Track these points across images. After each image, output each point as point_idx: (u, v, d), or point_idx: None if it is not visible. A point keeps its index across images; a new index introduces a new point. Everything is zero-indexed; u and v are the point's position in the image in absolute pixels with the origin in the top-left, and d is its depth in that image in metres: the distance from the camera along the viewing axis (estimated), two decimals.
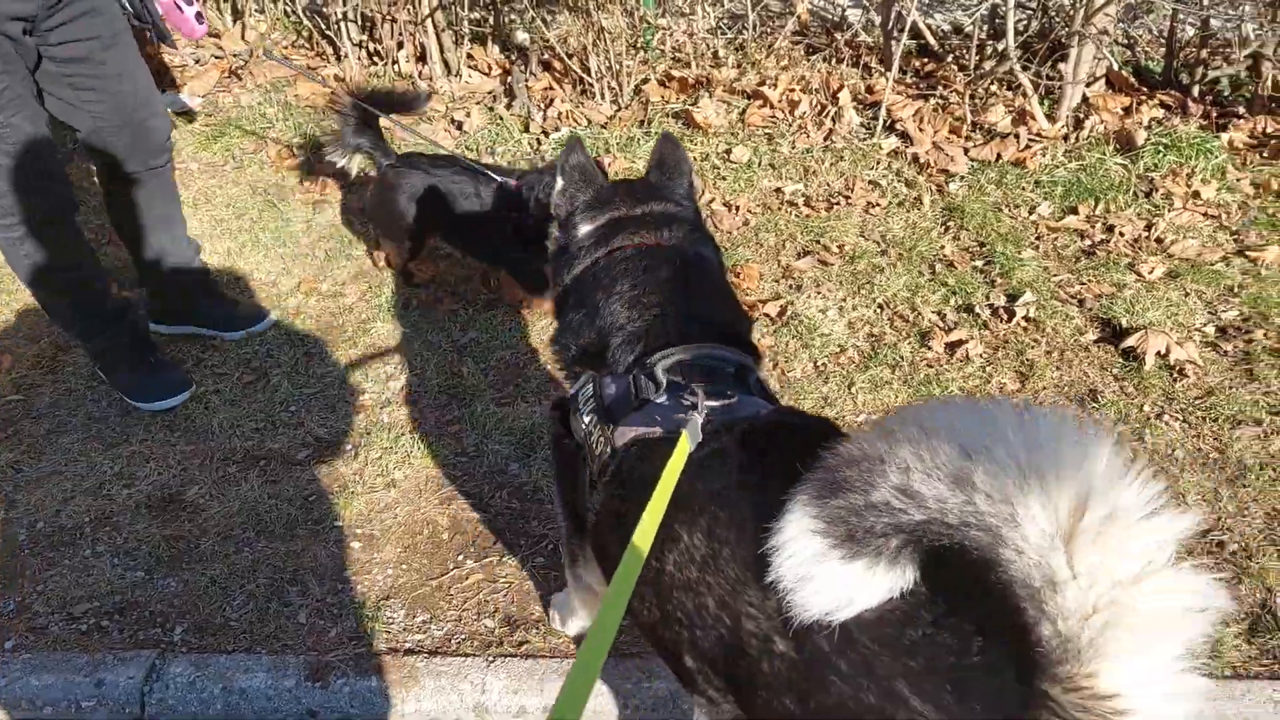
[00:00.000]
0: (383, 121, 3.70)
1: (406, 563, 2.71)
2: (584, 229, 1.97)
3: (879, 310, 3.49)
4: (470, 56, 5.18)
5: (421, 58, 5.08)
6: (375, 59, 5.18)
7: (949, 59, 4.89)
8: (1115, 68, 4.46)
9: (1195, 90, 4.36)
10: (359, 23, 5.15)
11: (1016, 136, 4.18)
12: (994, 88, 4.50)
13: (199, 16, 3.06)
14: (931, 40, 4.76)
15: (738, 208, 4.08)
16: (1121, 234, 3.76)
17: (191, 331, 3.55)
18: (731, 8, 5.18)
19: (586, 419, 1.70)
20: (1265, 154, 4.03)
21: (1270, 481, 2.70)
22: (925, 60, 5.00)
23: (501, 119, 4.68)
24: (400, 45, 5.04)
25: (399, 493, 2.93)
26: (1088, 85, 4.36)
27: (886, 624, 1.12)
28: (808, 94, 4.57)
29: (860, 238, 3.88)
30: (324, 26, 5.18)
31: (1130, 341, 3.18)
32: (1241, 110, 4.25)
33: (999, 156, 4.13)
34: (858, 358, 3.28)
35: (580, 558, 2.01)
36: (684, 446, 1.39)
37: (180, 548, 2.77)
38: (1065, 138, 4.23)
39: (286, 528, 2.81)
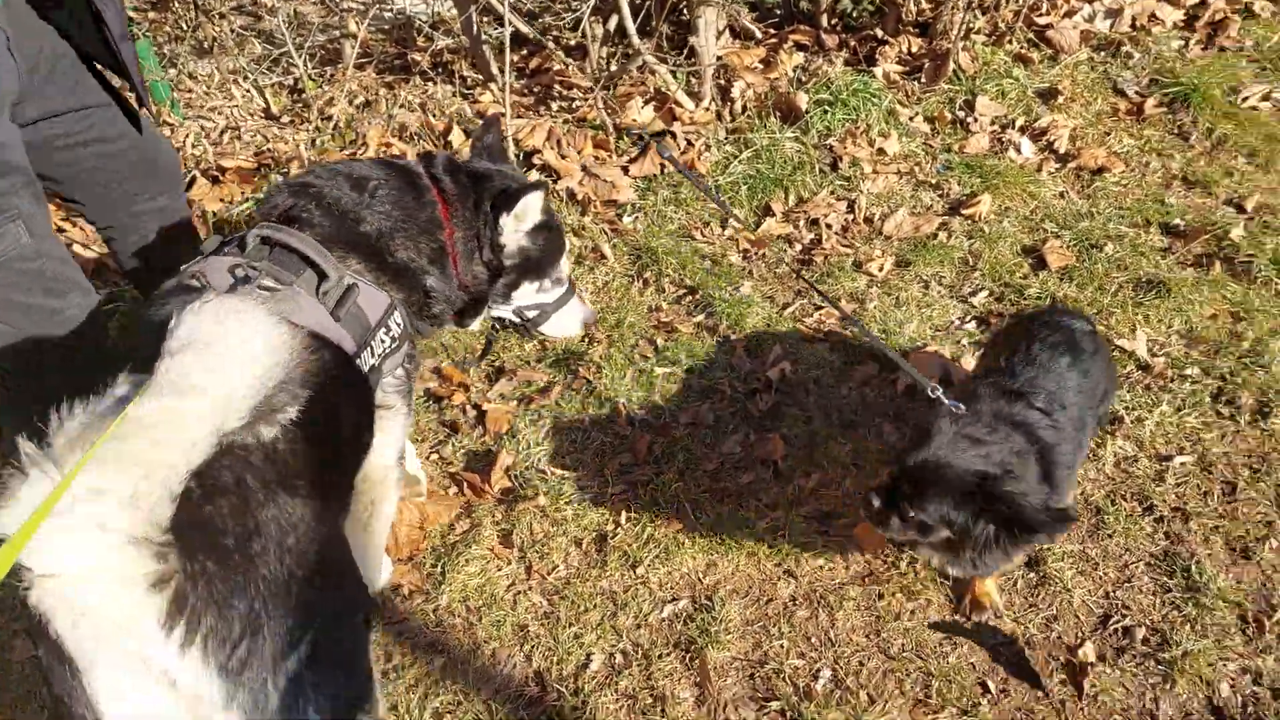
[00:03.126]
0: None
1: None
2: None
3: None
4: None
5: None
6: None
7: (549, 40, 4.08)
8: (735, 17, 3.89)
9: (824, 20, 3.91)
10: None
11: (673, 135, 3.51)
12: (615, 66, 3.77)
13: None
14: (524, 28, 3.91)
15: None
16: (828, 225, 3.25)
17: None
18: (265, 49, 3.99)
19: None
20: (921, 79, 3.68)
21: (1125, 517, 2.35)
22: (524, 52, 4.16)
23: None
24: None
25: None
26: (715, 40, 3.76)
27: None
28: (410, 145, 3.59)
29: None
30: None
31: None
32: (880, 33, 3.86)
33: (663, 168, 3.45)
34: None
35: None
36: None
37: None
38: (719, 116, 3.63)
39: None
